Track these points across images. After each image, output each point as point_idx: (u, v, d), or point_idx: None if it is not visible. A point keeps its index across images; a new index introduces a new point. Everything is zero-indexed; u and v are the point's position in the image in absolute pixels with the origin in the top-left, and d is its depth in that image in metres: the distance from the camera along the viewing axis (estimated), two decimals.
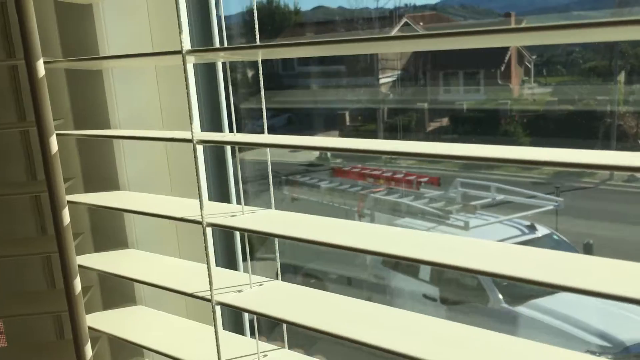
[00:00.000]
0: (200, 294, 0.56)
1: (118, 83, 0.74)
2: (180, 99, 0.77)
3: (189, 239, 0.80)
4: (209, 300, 0.55)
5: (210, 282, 0.55)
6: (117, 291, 0.79)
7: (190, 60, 0.56)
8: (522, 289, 5.09)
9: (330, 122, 9.77)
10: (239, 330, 0.86)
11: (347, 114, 9.76)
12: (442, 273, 5.43)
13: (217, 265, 0.84)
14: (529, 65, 9.26)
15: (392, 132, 8.97)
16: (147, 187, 0.79)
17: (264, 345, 0.62)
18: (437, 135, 9.22)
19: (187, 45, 0.55)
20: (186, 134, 0.57)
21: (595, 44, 8.82)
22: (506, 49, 8.86)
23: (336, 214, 6.83)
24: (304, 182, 7.09)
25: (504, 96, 8.81)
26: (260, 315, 0.52)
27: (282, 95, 10.45)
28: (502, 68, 8.84)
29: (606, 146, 7.87)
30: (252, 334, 0.83)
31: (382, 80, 9.74)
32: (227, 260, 0.85)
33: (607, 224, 6.13)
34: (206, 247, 0.56)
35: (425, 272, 5.59)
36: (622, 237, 6.21)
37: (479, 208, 5.64)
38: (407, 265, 5.78)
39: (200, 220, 0.54)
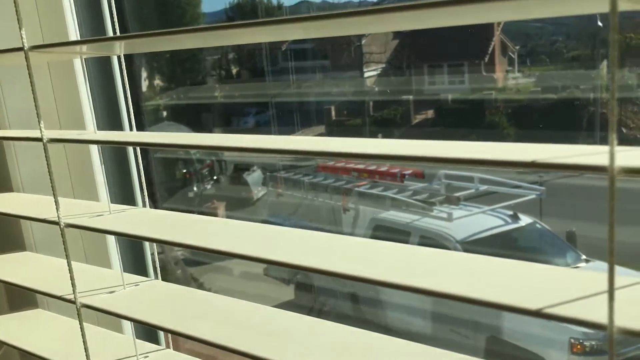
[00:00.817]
0: (67, 297, 0.55)
1: (6, 82, 0.72)
2: (76, 98, 0.75)
3: (93, 242, 0.78)
4: (73, 302, 0.54)
5: (73, 285, 0.54)
6: (19, 295, 0.78)
7: (36, 57, 0.54)
8: None
9: (316, 116, 9.75)
10: (153, 332, 0.85)
11: (332, 108, 9.74)
12: None
13: (124, 267, 0.82)
14: (512, 56, 9.25)
15: (378, 126, 8.96)
16: (46, 189, 0.77)
17: (148, 346, 0.60)
18: (423, 128, 9.21)
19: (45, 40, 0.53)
20: (37, 133, 0.56)
21: (578, 33, 8.80)
22: (489, 39, 8.86)
23: (321, 209, 6.84)
24: (288, 177, 7.07)
25: (489, 87, 8.81)
26: (123, 318, 0.51)
27: (267, 90, 10.40)
28: (486, 59, 8.83)
29: (590, 134, 7.88)
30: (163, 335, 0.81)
31: (367, 74, 9.73)
32: (137, 261, 0.83)
33: (590, 211, 6.15)
34: (65, 249, 0.54)
35: None
36: (606, 224, 6.19)
37: (463, 199, 5.64)
38: None
39: (57, 220, 0.53)
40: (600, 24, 7.89)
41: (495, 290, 0.30)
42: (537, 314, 0.28)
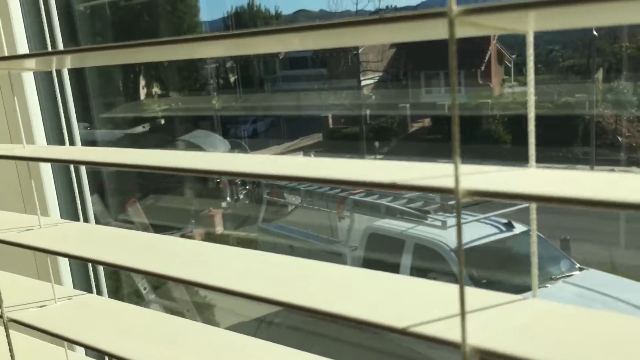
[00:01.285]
0: None
1: None
2: (24, 111, 0.76)
3: (43, 255, 0.79)
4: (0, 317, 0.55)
5: (0, 299, 0.54)
6: None
7: None
8: (501, 288, 5.07)
9: (314, 125, 9.78)
10: None
11: (329, 116, 9.75)
12: (422, 273, 5.43)
13: (77, 281, 0.83)
14: (508, 64, 9.29)
15: (375, 134, 8.98)
16: None
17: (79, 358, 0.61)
18: (420, 136, 9.22)
19: None
20: None
21: (573, 43, 8.82)
22: (486, 48, 8.89)
23: (317, 217, 6.81)
24: (284, 185, 7.06)
25: (485, 96, 8.84)
26: (47, 333, 0.52)
27: (265, 99, 10.43)
28: (482, 68, 8.86)
29: (586, 142, 7.90)
30: None
31: (364, 83, 9.76)
32: (88, 275, 0.84)
33: (586, 220, 6.14)
34: None
35: (405, 272, 5.58)
36: (600, 230, 6.23)
37: None
38: (388, 267, 5.78)
39: None
40: (595, 33, 7.90)
41: (360, 305, 0.30)
42: (403, 332, 0.28)
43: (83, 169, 0.79)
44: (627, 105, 7.70)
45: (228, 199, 7.42)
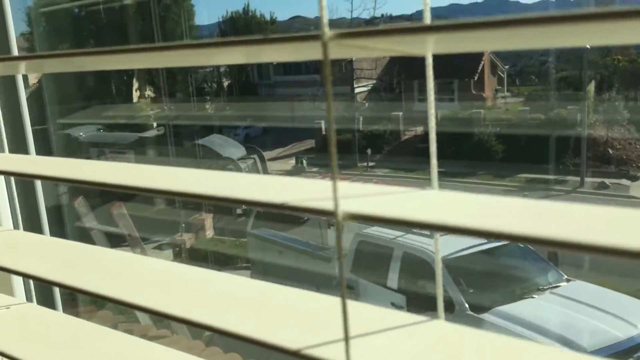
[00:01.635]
0: None
1: None
2: None
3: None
4: None
5: None
6: None
7: None
8: (488, 297, 5.08)
9: (306, 131, 9.80)
10: None
11: (322, 123, 9.77)
12: (410, 282, 5.43)
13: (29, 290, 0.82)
14: (502, 75, 9.35)
15: (367, 141, 9.00)
16: None
17: None
18: (412, 144, 9.23)
19: None
20: None
21: (567, 55, 8.88)
22: (479, 58, 8.94)
23: (309, 224, 6.79)
24: None
25: (478, 105, 8.89)
26: None
27: (258, 105, 10.43)
28: (476, 78, 8.91)
29: (577, 154, 7.94)
30: None
31: (357, 90, 9.78)
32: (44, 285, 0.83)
33: None
34: None
35: (393, 281, 5.58)
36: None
37: None
38: (376, 275, 5.77)
39: None
40: (587, 45, 7.94)
41: (254, 321, 0.30)
42: (294, 353, 0.28)
43: (39, 186, 0.79)
44: (618, 118, 7.73)
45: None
